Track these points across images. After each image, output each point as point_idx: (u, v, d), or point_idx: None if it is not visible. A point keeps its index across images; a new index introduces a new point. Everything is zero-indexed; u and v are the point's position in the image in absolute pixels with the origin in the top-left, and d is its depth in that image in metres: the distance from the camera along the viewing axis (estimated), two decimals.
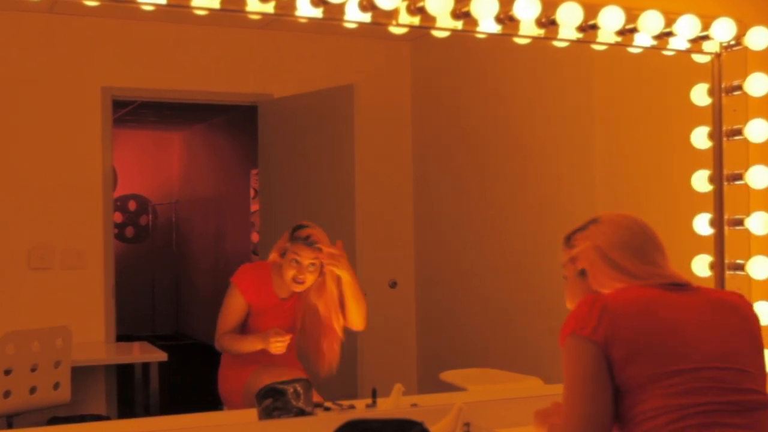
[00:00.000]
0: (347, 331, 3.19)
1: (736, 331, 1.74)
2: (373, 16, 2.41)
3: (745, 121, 2.93)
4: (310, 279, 3.07)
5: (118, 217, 8.58)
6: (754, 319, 1.80)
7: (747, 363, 1.70)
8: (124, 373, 4.42)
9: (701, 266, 2.95)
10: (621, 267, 1.84)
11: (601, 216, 1.98)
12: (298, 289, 3.07)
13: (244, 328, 3.12)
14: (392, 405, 2.47)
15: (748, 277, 2.92)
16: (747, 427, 1.63)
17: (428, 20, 2.48)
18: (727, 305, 1.78)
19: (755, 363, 1.73)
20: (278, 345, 2.97)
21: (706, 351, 1.67)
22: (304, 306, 3.10)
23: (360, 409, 2.48)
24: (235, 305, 3.10)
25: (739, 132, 2.93)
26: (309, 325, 3.10)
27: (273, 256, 3.13)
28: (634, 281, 1.81)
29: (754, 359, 1.73)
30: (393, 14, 2.44)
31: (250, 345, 3.03)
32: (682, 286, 1.79)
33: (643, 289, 1.78)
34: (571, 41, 2.70)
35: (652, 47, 2.80)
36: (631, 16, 2.70)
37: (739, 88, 2.92)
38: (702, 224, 2.97)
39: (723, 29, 2.82)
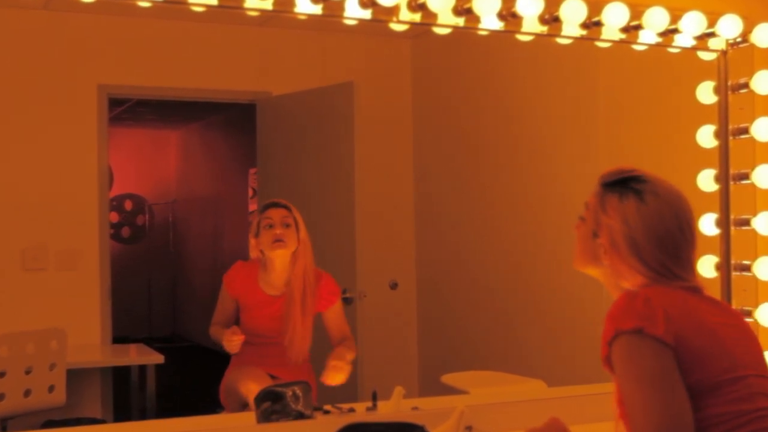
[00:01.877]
0: None
1: (754, 336, 1.76)
2: (373, 13, 2.41)
3: (752, 120, 2.93)
4: (289, 236, 3.09)
5: (114, 217, 8.59)
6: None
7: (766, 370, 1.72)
8: (120, 375, 4.42)
9: (707, 267, 2.95)
10: (647, 263, 1.73)
11: (645, 188, 1.78)
12: (281, 248, 3.08)
13: (239, 325, 3.15)
14: (393, 408, 2.47)
15: (754, 278, 2.92)
16: None
17: (429, 17, 2.48)
18: (733, 312, 1.80)
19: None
20: (231, 343, 3.00)
21: (745, 359, 1.67)
22: (289, 300, 3.11)
23: (360, 413, 2.48)
24: (222, 300, 3.20)
25: (746, 130, 2.93)
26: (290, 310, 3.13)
27: (252, 248, 3.18)
28: (656, 282, 1.73)
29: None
30: (393, 11, 2.44)
31: (220, 340, 3.10)
32: (698, 291, 1.75)
33: (675, 292, 1.70)
34: (575, 38, 2.70)
35: (657, 45, 2.80)
36: (636, 12, 2.70)
37: (746, 86, 2.92)
38: (708, 224, 2.97)
39: (729, 26, 2.82)
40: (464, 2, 2.48)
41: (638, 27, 2.73)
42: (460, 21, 2.51)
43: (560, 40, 2.71)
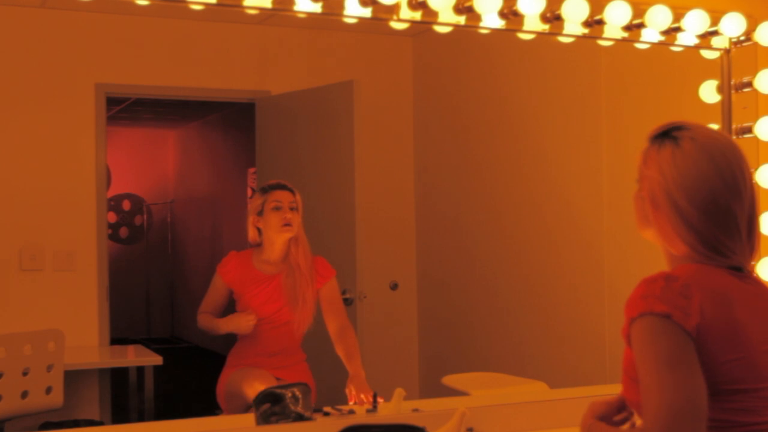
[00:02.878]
0: None
1: None
2: (373, 11, 2.41)
3: (755, 119, 2.93)
4: (295, 220, 3.14)
5: (111, 217, 8.59)
6: None
7: None
8: (118, 377, 4.42)
9: None
10: (689, 223, 1.61)
11: (684, 134, 1.68)
12: (289, 232, 3.12)
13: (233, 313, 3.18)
14: (393, 410, 2.47)
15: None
16: None
17: (430, 15, 2.48)
18: None
19: None
20: (247, 323, 3.06)
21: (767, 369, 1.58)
22: (292, 277, 3.14)
23: (360, 414, 2.48)
24: (213, 288, 3.24)
25: (749, 130, 2.93)
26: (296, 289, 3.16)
27: (251, 230, 3.19)
28: (700, 258, 1.61)
29: None
30: (394, 9, 2.44)
31: (218, 327, 3.13)
32: (744, 273, 1.64)
33: (720, 278, 1.59)
34: (577, 37, 2.70)
35: (660, 43, 2.81)
36: (638, 11, 2.70)
37: (749, 84, 2.93)
38: None
39: (732, 24, 2.82)
40: (465, 0, 2.48)
41: (641, 25, 2.73)
42: (461, 19, 2.51)
43: (562, 39, 2.71)
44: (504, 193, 4.26)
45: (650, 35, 2.77)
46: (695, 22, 2.77)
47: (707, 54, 2.94)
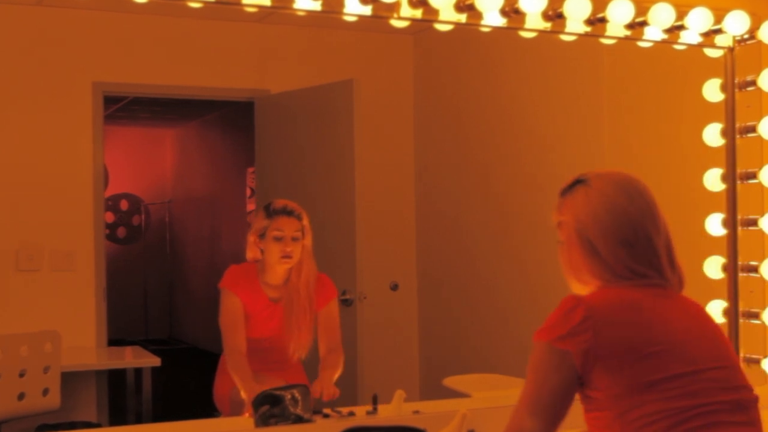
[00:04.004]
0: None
1: (716, 329, 1.77)
2: (373, 9, 2.41)
3: (759, 118, 2.93)
4: (297, 251, 3.04)
5: (109, 217, 8.59)
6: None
7: (735, 360, 1.75)
8: (115, 378, 4.42)
9: (713, 268, 2.95)
10: (602, 257, 1.74)
11: (591, 177, 1.80)
12: (288, 264, 3.05)
13: None
14: (394, 412, 2.47)
15: (762, 280, 2.92)
16: (747, 424, 1.68)
17: (431, 13, 2.48)
18: (697, 307, 1.80)
19: (737, 360, 1.78)
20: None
21: (704, 351, 1.70)
22: (291, 305, 3.09)
23: (360, 416, 2.48)
24: (232, 310, 3.05)
25: (753, 129, 2.93)
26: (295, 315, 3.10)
27: (252, 249, 3.10)
28: (610, 284, 1.74)
29: (735, 357, 1.79)
30: (394, 7, 2.44)
31: (241, 385, 2.93)
32: (661, 287, 1.76)
33: (625, 290, 1.73)
34: (579, 35, 2.70)
35: (663, 41, 2.80)
36: (641, 8, 2.70)
37: (753, 83, 2.92)
38: (714, 225, 2.97)
39: (736, 22, 2.82)
40: None
41: (644, 23, 2.73)
42: (463, 17, 2.51)
43: (564, 37, 2.71)
44: (505, 192, 4.26)
45: (653, 33, 2.77)
46: (699, 20, 2.77)
47: (711, 52, 2.94)
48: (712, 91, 2.99)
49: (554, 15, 2.61)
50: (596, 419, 1.69)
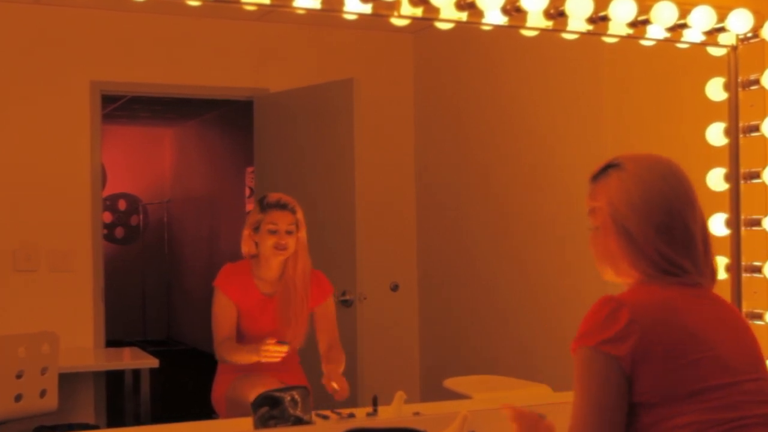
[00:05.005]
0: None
1: (750, 336, 1.72)
2: (373, 7, 2.41)
3: (763, 117, 2.92)
4: (291, 244, 3.11)
5: (107, 217, 8.59)
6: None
7: (766, 371, 1.70)
8: (113, 380, 4.42)
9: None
10: (640, 248, 1.66)
11: (624, 161, 1.72)
12: (282, 256, 3.11)
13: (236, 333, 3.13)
14: (394, 413, 2.47)
15: (766, 280, 2.92)
16: None
17: (431, 11, 2.48)
18: (733, 310, 1.76)
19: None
20: (269, 354, 2.96)
21: (740, 362, 1.64)
22: (287, 297, 3.12)
23: (360, 418, 2.48)
24: (222, 308, 3.14)
25: (757, 128, 2.92)
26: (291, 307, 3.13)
27: (246, 243, 3.16)
28: (650, 280, 1.67)
29: (765, 366, 1.72)
30: (395, 5, 2.44)
31: (246, 357, 3.04)
32: (697, 286, 1.70)
33: (665, 292, 1.66)
34: (581, 33, 2.69)
35: (666, 40, 2.80)
36: (644, 7, 2.69)
37: (757, 82, 2.92)
38: (718, 225, 2.97)
39: (739, 21, 2.82)
40: None
41: (646, 22, 2.73)
42: (463, 16, 2.51)
43: (565, 36, 2.71)
44: (506, 192, 4.26)
45: (656, 32, 2.77)
46: (702, 18, 2.77)
47: (713, 51, 2.94)
48: (715, 90, 2.99)
49: (556, 13, 2.60)
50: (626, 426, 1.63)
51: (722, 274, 2.95)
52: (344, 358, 3.17)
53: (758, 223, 2.94)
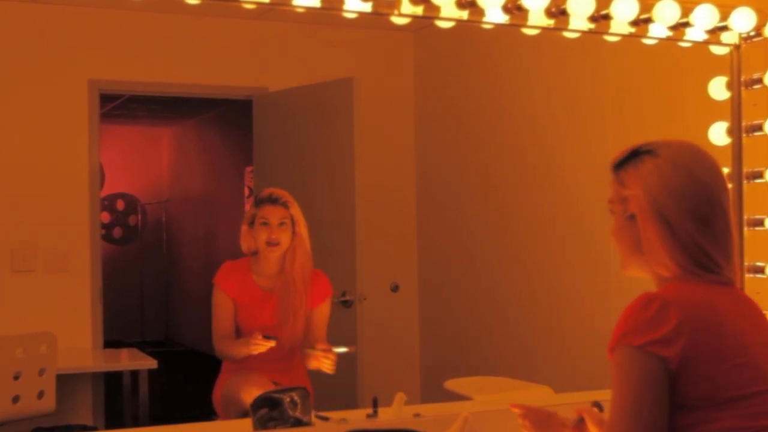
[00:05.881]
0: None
1: None
2: (373, 6, 2.41)
3: (766, 116, 2.92)
4: (284, 238, 3.14)
5: (105, 217, 8.59)
6: None
7: None
8: (111, 381, 4.42)
9: None
10: (679, 238, 1.59)
11: (657, 146, 1.65)
12: (275, 251, 3.13)
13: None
14: (394, 415, 2.47)
15: None
16: None
17: (432, 10, 2.48)
18: (758, 310, 1.72)
19: None
20: (257, 347, 3.00)
21: None
22: (286, 293, 3.13)
23: (360, 420, 2.48)
24: (220, 305, 3.18)
25: (760, 127, 2.93)
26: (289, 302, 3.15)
27: (244, 239, 3.20)
28: (687, 275, 1.61)
29: None
30: (395, 3, 2.44)
31: (237, 351, 3.08)
32: (729, 284, 1.66)
33: (704, 289, 1.60)
34: (583, 32, 2.69)
35: (668, 38, 2.80)
36: (646, 5, 2.69)
37: (760, 81, 2.92)
38: None
39: (742, 19, 2.82)
40: None
41: (648, 20, 2.73)
42: (464, 14, 2.51)
43: (567, 35, 2.71)
44: (507, 192, 4.25)
45: (658, 30, 2.77)
46: (704, 16, 2.77)
47: (716, 50, 2.94)
48: (718, 89, 2.99)
49: (557, 12, 2.60)
50: None
51: None
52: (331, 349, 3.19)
53: (761, 223, 2.94)
